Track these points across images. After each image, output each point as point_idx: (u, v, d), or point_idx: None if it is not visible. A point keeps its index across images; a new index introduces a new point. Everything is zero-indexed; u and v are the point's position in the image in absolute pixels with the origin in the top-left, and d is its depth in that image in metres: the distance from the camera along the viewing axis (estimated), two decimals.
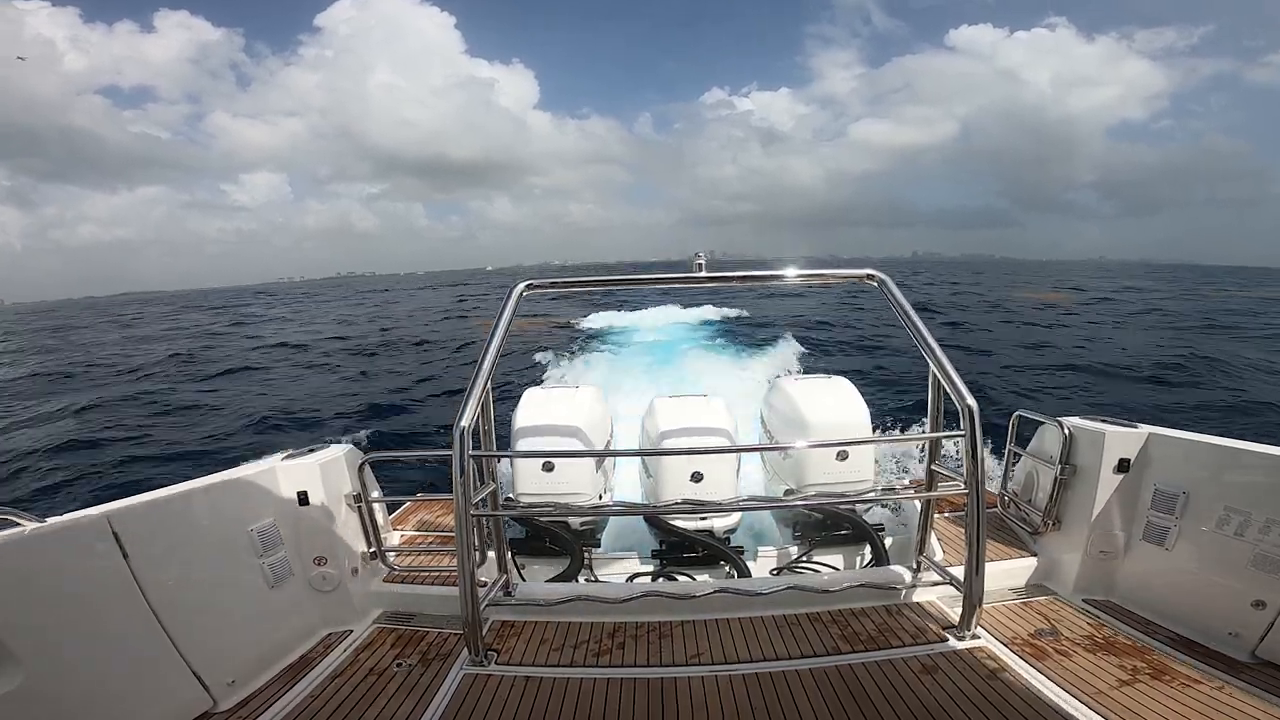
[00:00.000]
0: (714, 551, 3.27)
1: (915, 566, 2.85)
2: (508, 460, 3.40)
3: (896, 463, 7.65)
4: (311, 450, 2.93)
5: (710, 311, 24.98)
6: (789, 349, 17.80)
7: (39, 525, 1.95)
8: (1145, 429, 2.74)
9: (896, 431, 9.89)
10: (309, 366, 19.91)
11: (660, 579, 3.27)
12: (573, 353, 17.61)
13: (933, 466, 2.73)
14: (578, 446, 3.28)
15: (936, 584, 2.76)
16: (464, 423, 2.28)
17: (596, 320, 24.19)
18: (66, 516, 2.03)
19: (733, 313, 24.92)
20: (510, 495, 3.29)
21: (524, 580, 3.15)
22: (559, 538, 3.38)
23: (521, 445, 3.29)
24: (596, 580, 3.40)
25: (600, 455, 3.44)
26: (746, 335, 19.54)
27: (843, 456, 3.26)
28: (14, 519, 1.99)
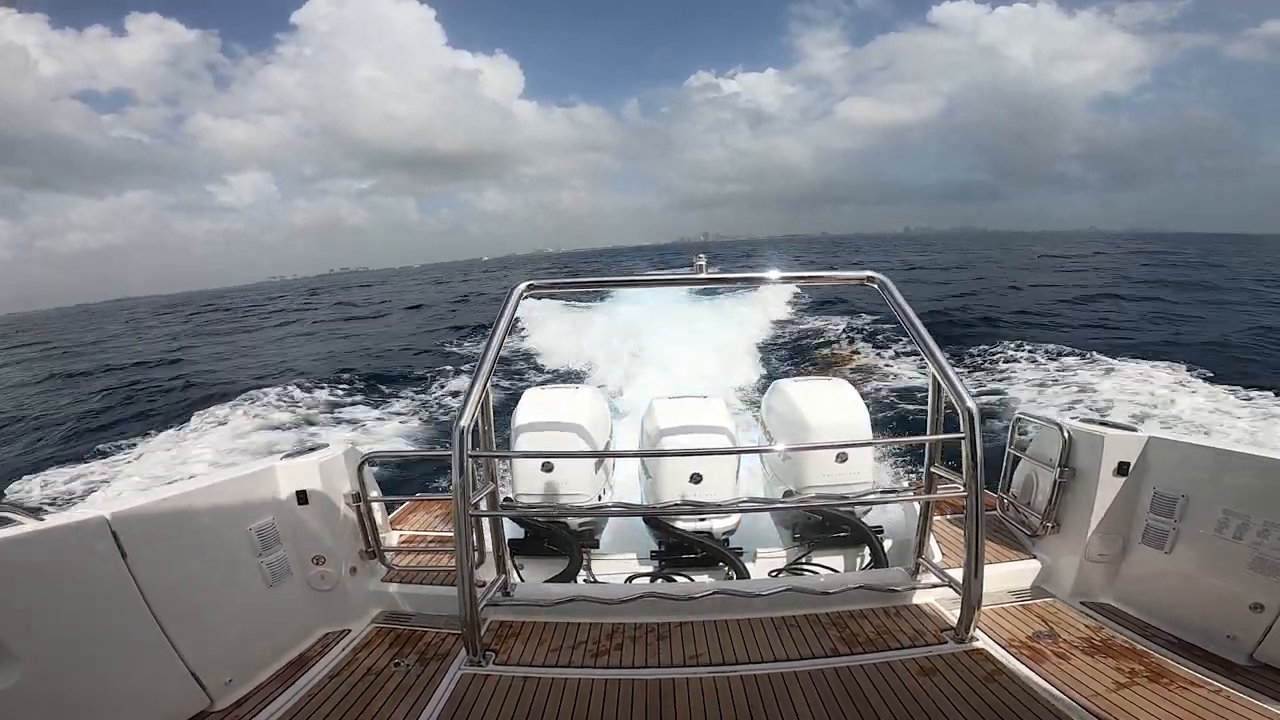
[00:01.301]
0: (713, 553, 3.27)
1: (914, 569, 2.85)
2: (507, 460, 3.40)
3: (900, 461, 7.65)
4: (311, 449, 2.93)
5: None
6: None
7: (38, 524, 1.95)
8: (1145, 432, 2.74)
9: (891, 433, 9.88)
10: None
11: (659, 580, 3.27)
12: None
13: (932, 469, 2.72)
14: (577, 447, 3.28)
15: (935, 586, 2.76)
16: (463, 422, 2.28)
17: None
18: (65, 516, 2.03)
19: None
20: (509, 495, 3.28)
21: (523, 580, 3.15)
22: (558, 538, 3.38)
23: (521, 445, 3.29)
24: (595, 581, 3.40)
25: (599, 456, 3.44)
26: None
27: (842, 458, 3.26)
28: (13, 517, 1.99)
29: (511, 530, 3.34)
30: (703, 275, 2.81)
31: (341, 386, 14.82)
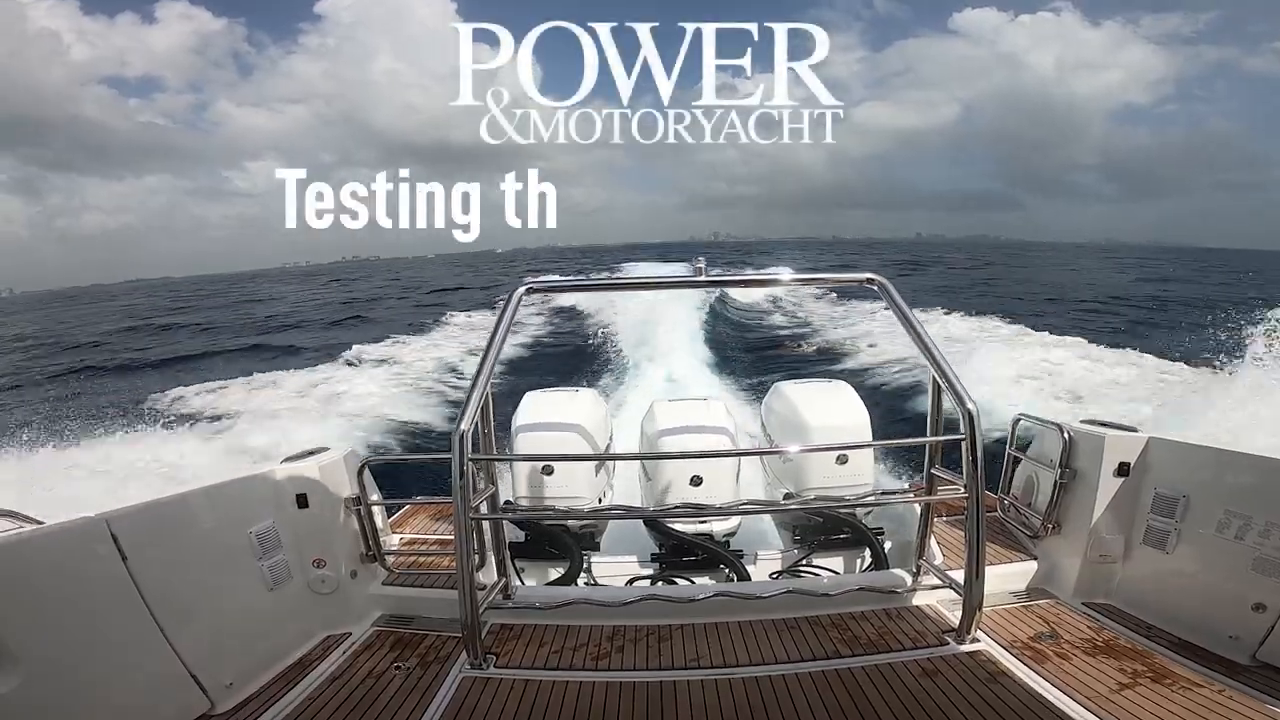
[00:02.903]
0: (713, 555, 3.27)
1: (915, 570, 2.85)
2: (507, 463, 3.40)
3: (901, 463, 7.63)
4: (311, 453, 2.93)
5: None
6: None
7: (38, 527, 1.96)
8: (1145, 433, 2.74)
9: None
10: None
11: (659, 583, 3.26)
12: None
13: (932, 470, 2.72)
14: (577, 449, 3.28)
15: (936, 588, 2.76)
16: (463, 426, 2.29)
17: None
18: (65, 519, 2.04)
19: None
20: (509, 498, 3.28)
21: (523, 583, 3.14)
22: (558, 541, 3.38)
23: (521, 448, 3.28)
24: (596, 584, 3.40)
25: (600, 459, 3.43)
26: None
27: (842, 460, 3.26)
28: (14, 520, 1.99)
29: (512, 533, 3.35)
30: (703, 278, 2.81)
31: None
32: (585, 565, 3.39)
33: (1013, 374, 12.02)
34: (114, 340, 27.29)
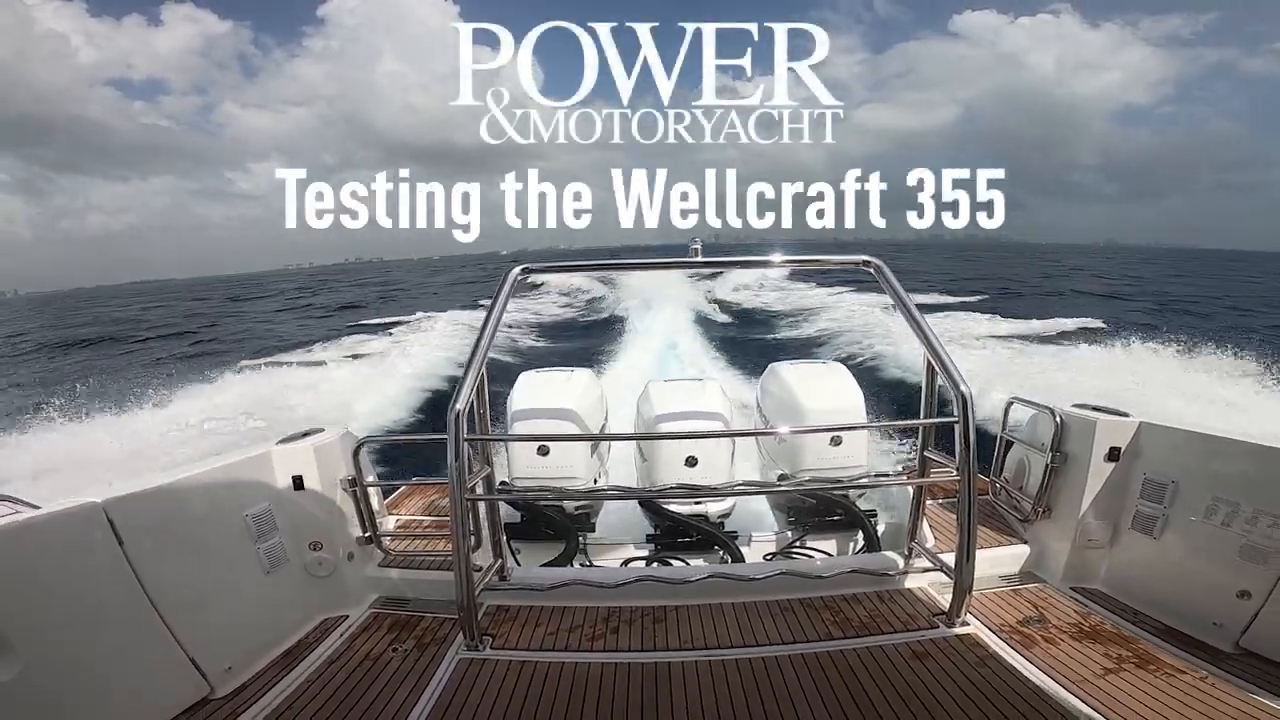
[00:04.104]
0: (708, 536, 3.29)
1: (907, 553, 2.88)
2: (503, 443, 3.40)
3: (895, 445, 7.68)
4: (306, 434, 2.91)
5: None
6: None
7: (34, 513, 1.94)
8: (1137, 418, 2.76)
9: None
10: None
11: (654, 564, 3.29)
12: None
13: (925, 453, 2.73)
14: (573, 430, 3.28)
15: (928, 570, 2.79)
16: (459, 406, 2.27)
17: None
18: (61, 504, 2.02)
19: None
20: (505, 479, 3.29)
21: (519, 565, 3.16)
22: (554, 522, 3.39)
23: (517, 429, 3.28)
24: (591, 565, 3.42)
25: (595, 439, 3.44)
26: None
27: (836, 442, 3.27)
28: (9, 505, 1.98)
29: (507, 514, 3.36)
30: (699, 259, 2.79)
31: None
32: (581, 546, 3.41)
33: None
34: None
